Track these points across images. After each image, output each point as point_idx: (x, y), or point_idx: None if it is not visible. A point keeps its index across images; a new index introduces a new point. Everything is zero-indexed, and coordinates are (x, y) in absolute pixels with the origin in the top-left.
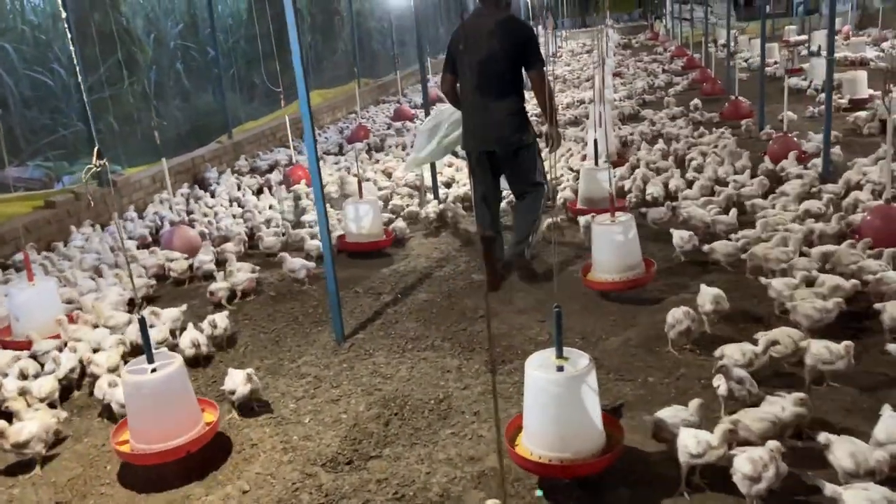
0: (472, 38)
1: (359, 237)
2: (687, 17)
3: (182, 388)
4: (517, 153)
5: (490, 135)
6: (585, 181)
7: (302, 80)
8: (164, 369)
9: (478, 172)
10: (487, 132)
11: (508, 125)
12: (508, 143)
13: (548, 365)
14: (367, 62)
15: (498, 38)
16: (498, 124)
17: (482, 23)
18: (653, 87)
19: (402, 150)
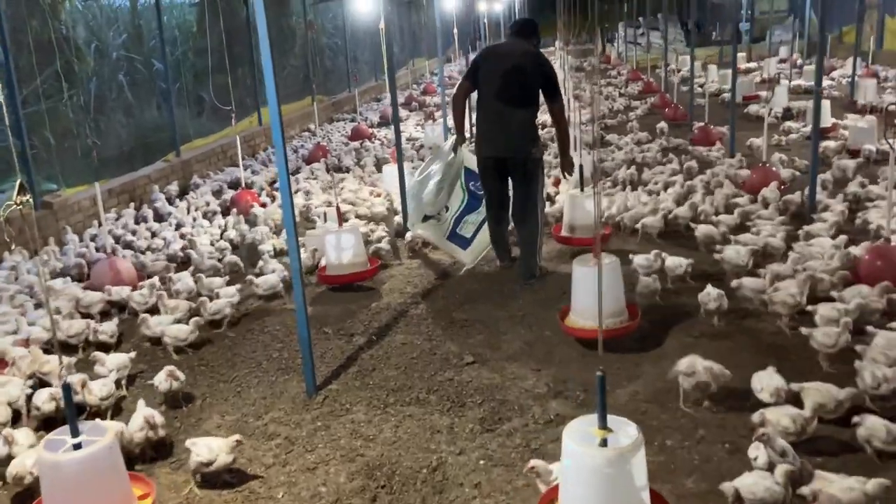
0: (502, 60)
1: (341, 268)
2: (638, 41)
3: (111, 468)
4: (526, 163)
5: (505, 142)
6: (570, 208)
7: (275, 100)
8: (90, 446)
9: (489, 179)
10: (503, 140)
11: (522, 136)
12: (520, 151)
13: (589, 438)
14: (319, 78)
15: (526, 65)
16: (513, 134)
17: (514, 50)
18: (612, 110)
19: (362, 170)
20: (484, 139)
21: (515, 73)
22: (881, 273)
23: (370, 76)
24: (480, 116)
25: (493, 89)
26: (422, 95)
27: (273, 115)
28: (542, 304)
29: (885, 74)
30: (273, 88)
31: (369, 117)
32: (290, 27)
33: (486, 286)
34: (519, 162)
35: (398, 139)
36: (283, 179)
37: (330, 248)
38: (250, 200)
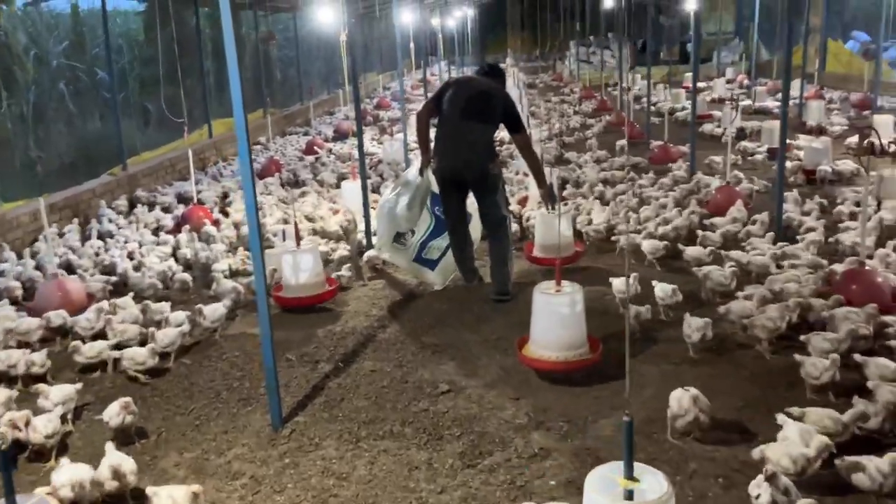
0: (468, 87)
1: (298, 290)
2: (590, 59)
3: None
4: (486, 178)
5: (463, 157)
6: (542, 227)
7: (241, 110)
8: None
9: (446, 193)
10: (461, 155)
11: (480, 152)
12: (477, 166)
13: (613, 489)
14: (270, 91)
15: (490, 92)
16: (471, 150)
17: (481, 81)
18: (569, 128)
19: (321, 186)
20: (442, 154)
21: (479, 97)
22: (856, 297)
23: (322, 89)
24: (440, 133)
25: (455, 109)
26: (375, 110)
27: (239, 124)
28: (516, 327)
29: (829, 96)
30: (240, 98)
31: (323, 131)
32: (240, 38)
33: (456, 308)
34: (477, 177)
35: (361, 154)
36: (248, 195)
37: (287, 269)
38: (203, 217)
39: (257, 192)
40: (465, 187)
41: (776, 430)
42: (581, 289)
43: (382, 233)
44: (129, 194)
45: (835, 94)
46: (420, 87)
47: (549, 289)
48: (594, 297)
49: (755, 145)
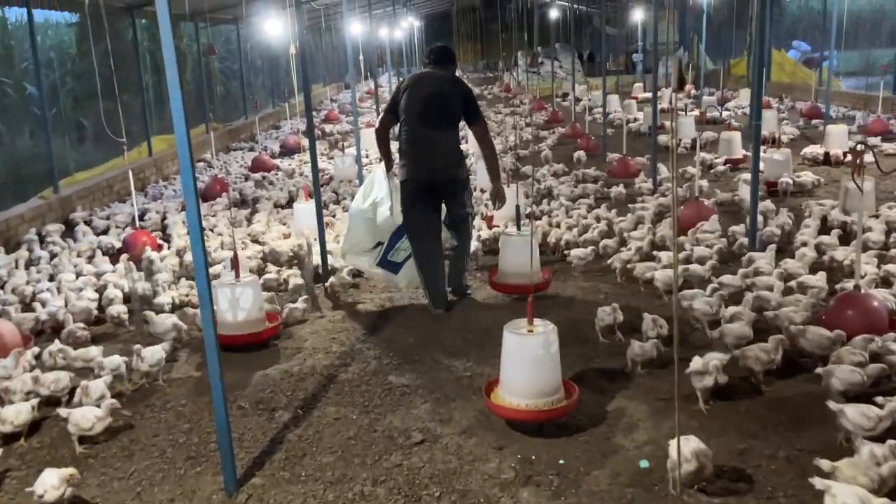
0: (423, 87)
1: (234, 327)
2: (537, 70)
3: None
4: (455, 183)
5: (433, 165)
6: (508, 252)
7: (183, 124)
8: None
9: (417, 203)
10: (431, 162)
11: (449, 158)
12: (447, 173)
13: None
14: (213, 105)
15: (446, 89)
16: (440, 157)
17: (433, 76)
18: (522, 141)
19: (274, 207)
20: (411, 163)
21: (437, 98)
22: (849, 323)
23: (267, 102)
24: (405, 140)
25: (415, 115)
26: (323, 123)
27: (181, 141)
28: (489, 362)
29: (776, 105)
30: (181, 112)
31: (269, 146)
32: (180, 50)
33: (424, 341)
34: (448, 183)
35: (315, 171)
36: (192, 219)
37: (223, 303)
38: (147, 242)
39: (202, 214)
40: (436, 195)
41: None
42: (555, 328)
43: (355, 242)
44: (63, 219)
45: (779, 103)
46: (368, 98)
47: (521, 328)
48: (568, 324)
49: (712, 156)
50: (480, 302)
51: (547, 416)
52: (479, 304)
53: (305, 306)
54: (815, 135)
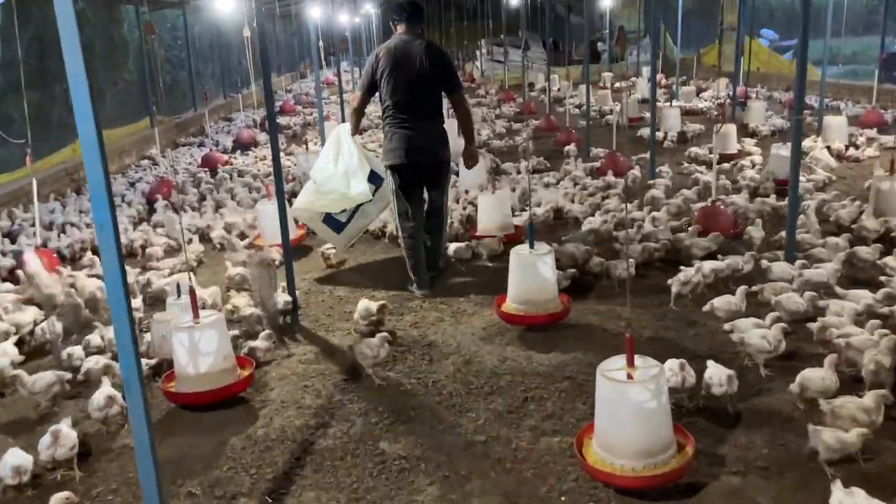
0: (402, 60)
1: (196, 381)
2: (501, 59)
3: None
4: (441, 166)
5: (425, 149)
6: (521, 273)
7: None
8: None
9: (409, 189)
10: (423, 147)
11: (436, 142)
12: (435, 156)
13: None
14: (159, 96)
15: (427, 60)
16: (429, 142)
17: (410, 47)
18: (496, 134)
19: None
20: (397, 148)
21: (420, 83)
22: None
23: (218, 93)
24: (392, 126)
25: (398, 99)
26: (280, 115)
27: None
28: (505, 418)
29: (754, 95)
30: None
31: (221, 141)
32: (121, 36)
33: (418, 390)
34: (435, 166)
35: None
36: (106, 236)
37: (179, 351)
38: (50, 265)
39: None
40: (422, 179)
41: None
42: (661, 368)
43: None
44: None
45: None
46: (324, 88)
47: (618, 371)
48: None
49: (703, 151)
50: (479, 334)
51: (658, 481)
52: (478, 337)
53: (269, 344)
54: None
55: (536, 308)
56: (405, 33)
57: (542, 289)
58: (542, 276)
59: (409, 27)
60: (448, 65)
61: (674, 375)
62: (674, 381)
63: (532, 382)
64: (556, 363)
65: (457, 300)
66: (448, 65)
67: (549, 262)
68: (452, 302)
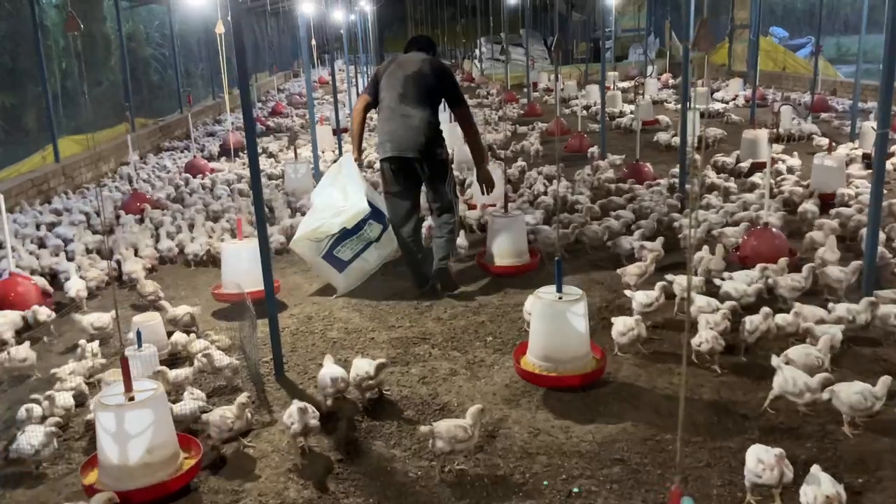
0: (403, 67)
1: (130, 475)
2: (501, 57)
3: None
4: (433, 163)
5: (409, 142)
6: (545, 324)
7: None
8: None
9: (394, 183)
10: (407, 140)
11: (426, 136)
12: (424, 150)
13: None
14: (142, 97)
15: (427, 70)
16: (417, 134)
17: (414, 58)
18: (506, 138)
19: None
20: (388, 140)
21: (417, 77)
22: None
23: (206, 93)
24: (383, 118)
25: (394, 93)
26: (271, 117)
27: None
28: None
29: (771, 98)
30: None
31: (206, 146)
32: (103, 35)
33: (430, 477)
34: (425, 162)
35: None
36: None
37: (103, 437)
38: (27, 294)
39: (116, 240)
40: (415, 175)
41: None
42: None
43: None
44: None
45: (775, 95)
46: (318, 87)
47: None
48: (650, 444)
49: (727, 158)
50: (502, 393)
51: None
52: (500, 398)
53: (244, 415)
54: (831, 131)
55: (565, 366)
56: (416, 49)
57: (573, 344)
58: (572, 328)
59: (418, 51)
60: (450, 78)
61: (766, 469)
62: (767, 478)
63: (574, 467)
64: (600, 438)
65: (471, 345)
66: (450, 78)
67: (581, 311)
68: (466, 347)
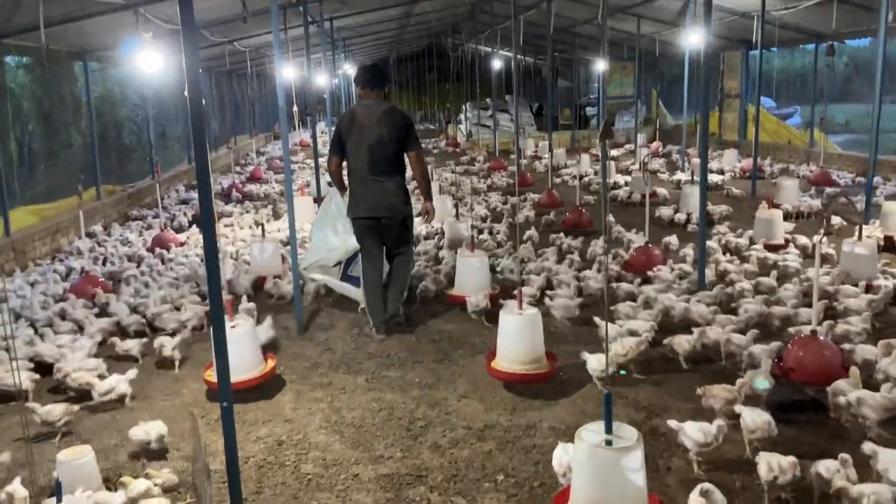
0: (364, 131)
1: None
2: (488, 123)
3: None
4: (404, 221)
5: (384, 204)
6: (591, 475)
7: None
8: None
9: (367, 240)
10: (382, 202)
11: (397, 198)
12: (396, 211)
13: None
14: (112, 161)
15: (386, 124)
16: (389, 199)
17: (370, 111)
18: (495, 212)
19: None
20: (361, 202)
21: (380, 145)
22: None
23: (183, 156)
24: (357, 181)
25: (363, 164)
26: (249, 183)
27: None
28: None
29: (770, 168)
30: None
31: (177, 216)
32: (74, 97)
33: None
34: (393, 220)
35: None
36: None
37: None
38: None
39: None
40: (381, 230)
41: None
42: None
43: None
44: None
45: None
46: (299, 150)
47: None
48: None
49: (739, 239)
50: None
51: None
52: None
53: None
54: (839, 208)
55: None
56: (368, 97)
57: None
58: (627, 483)
59: (372, 91)
60: (407, 128)
61: None
62: None
63: None
64: None
65: (479, 487)
66: (407, 128)
67: (638, 459)
68: (472, 491)
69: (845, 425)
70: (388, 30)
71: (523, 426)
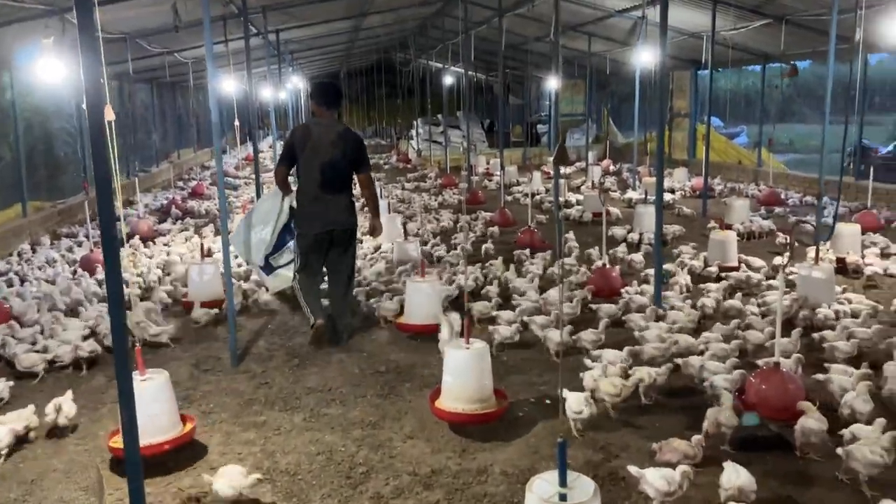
0: (318, 143)
1: None
2: (439, 140)
3: None
4: (352, 231)
5: (337, 218)
6: None
7: None
8: None
9: (314, 253)
10: (336, 217)
11: (346, 213)
12: (349, 223)
13: None
14: (41, 175)
15: (340, 145)
16: (338, 213)
17: (324, 130)
18: (445, 231)
19: None
20: (315, 219)
21: (333, 164)
22: None
23: (119, 170)
24: (308, 198)
25: (315, 182)
26: (190, 199)
27: None
28: None
29: (720, 187)
30: None
31: None
32: (1, 108)
33: None
34: (344, 233)
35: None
36: None
37: None
38: None
39: None
40: (330, 244)
41: None
42: None
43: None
44: None
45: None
46: (244, 165)
47: None
48: None
49: (694, 262)
50: None
51: None
52: None
53: None
54: (787, 228)
55: None
56: (322, 116)
57: None
58: None
59: (327, 110)
60: (360, 150)
61: None
62: None
63: None
64: None
65: None
66: (360, 150)
67: None
68: None
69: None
70: (338, 43)
71: (474, 471)
